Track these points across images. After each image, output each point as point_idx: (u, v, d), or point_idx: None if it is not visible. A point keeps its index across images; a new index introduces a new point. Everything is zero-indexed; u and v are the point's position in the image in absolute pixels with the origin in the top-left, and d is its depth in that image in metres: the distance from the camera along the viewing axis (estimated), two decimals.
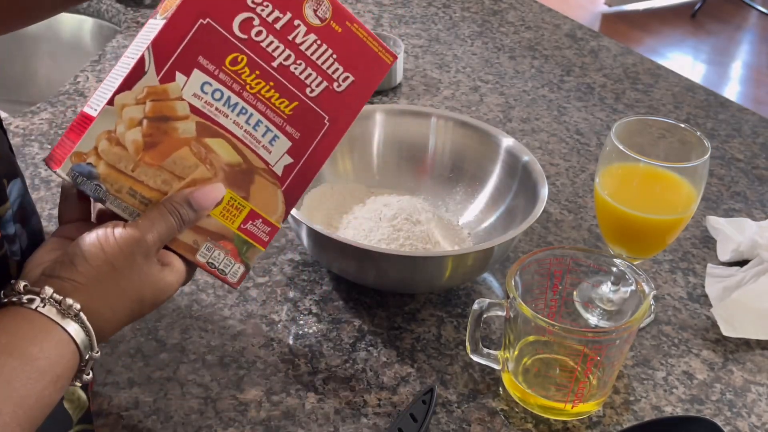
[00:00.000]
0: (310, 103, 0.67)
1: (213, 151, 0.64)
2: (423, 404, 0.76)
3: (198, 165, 0.64)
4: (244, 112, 0.65)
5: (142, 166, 0.62)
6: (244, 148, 0.65)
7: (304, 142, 0.68)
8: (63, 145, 0.63)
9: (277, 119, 0.66)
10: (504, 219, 0.95)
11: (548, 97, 1.26)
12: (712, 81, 3.33)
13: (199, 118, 0.63)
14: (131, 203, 0.63)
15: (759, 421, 0.79)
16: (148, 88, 0.61)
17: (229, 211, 0.66)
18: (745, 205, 1.07)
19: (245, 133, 0.65)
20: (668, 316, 0.90)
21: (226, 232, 0.67)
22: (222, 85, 0.63)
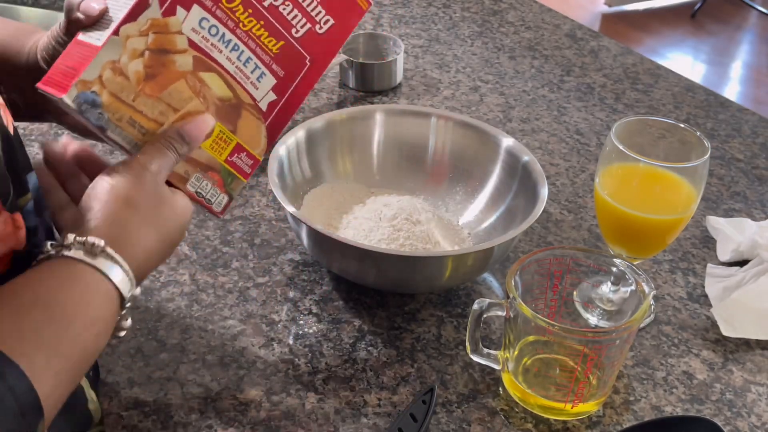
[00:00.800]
0: (295, 43, 0.70)
1: (206, 85, 0.67)
2: (423, 404, 0.76)
3: (192, 98, 0.67)
4: (237, 48, 0.68)
5: (142, 97, 0.65)
6: (234, 84, 0.68)
7: (287, 80, 0.71)
8: (63, 73, 0.64)
9: (265, 57, 0.69)
10: (504, 219, 0.95)
11: (548, 97, 1.26)
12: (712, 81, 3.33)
13: (196, 53, 0.66)
14: (131, 132, 0.65)
15: (759, 421, 0.79)
16: (152, 20, 0.64)
17: (218, 144, 0.69)
18: (745, 205, 1.07)
19: (236, 69, 0.68)
20: (668, 316, 0.90)
21: (214, 164, 0.70)
22: (218, 21, 0.66)
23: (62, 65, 0.65)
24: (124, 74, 0.64)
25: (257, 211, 1.00)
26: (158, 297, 0.87)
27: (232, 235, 0.96)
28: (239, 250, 0.94)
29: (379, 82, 1.24)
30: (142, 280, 0.63)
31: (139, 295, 0.60)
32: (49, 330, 0.54)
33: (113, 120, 0.64)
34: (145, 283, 0.89)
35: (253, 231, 0.97)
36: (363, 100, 1.22)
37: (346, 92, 1.24)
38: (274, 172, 0.89)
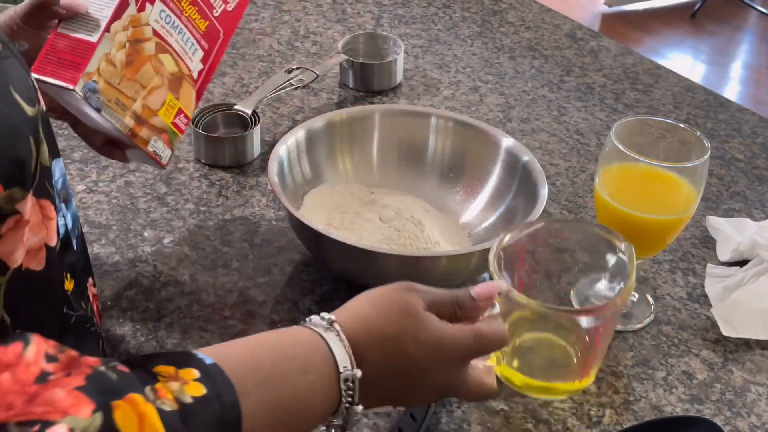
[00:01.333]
0: (215, 21, 0.87)
1: (162, 63, 0.83)
2: None
3: (154, 76, 0.83)
4: (181, 31, 0.84)
5: (124, 80, 0.80)
6: (179, 60, 0.85)
7: (209, 52, 0.88)
8: (62, 65, 0.78)
9: (197, 35, 0.86)
10: (504, 219, 0.95)
11: (548, 97, 1.26)
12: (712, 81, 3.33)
13: (157, 39, 0.82)
14: (116, 110, 0.80)
15: (759, 421, 0.79)
16: (131, 16, 0.79)
17: (168, 110, 0.85)
18: (745, 205, 1.07)
19: (180, 47, 0.85)
20: (668, 316, 0.90)
21: (164, 126, 0.85)
22: (170, 11, 0.83)
23: (55, 57, 0.78)
24: (113, 63, 0.79)
25: (257, 211, 1.00)
26: (158, 297, 0.87)
27: (232, 235, 0.96)
28: (239, 250, 0.94)
29: (379, 82, 1.24)
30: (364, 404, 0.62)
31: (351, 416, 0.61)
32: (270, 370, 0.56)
33: (106, 101, 0.79)
34: (145, 284, 0.89)
35: (253, 231, 0.97)
36: (363, 100, 1.22)
37: (346, 92, 1.24)
38: (274, 172, 0.89)
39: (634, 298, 0.90)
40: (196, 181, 1.04)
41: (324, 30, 1.39)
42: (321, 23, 1.41)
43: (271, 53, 1.32)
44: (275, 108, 1.19)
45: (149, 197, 1.01)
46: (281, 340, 0.59)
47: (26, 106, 0.52)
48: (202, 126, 1.08)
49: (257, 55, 1.31)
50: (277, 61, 1.30)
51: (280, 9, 1.45)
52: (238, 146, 1.07)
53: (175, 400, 0.49)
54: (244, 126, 1.09)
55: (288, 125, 1.15)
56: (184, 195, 1.02)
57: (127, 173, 1.04)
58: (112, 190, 1.01)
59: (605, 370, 0.83)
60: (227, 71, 1.26)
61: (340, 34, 1.37)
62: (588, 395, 0.80)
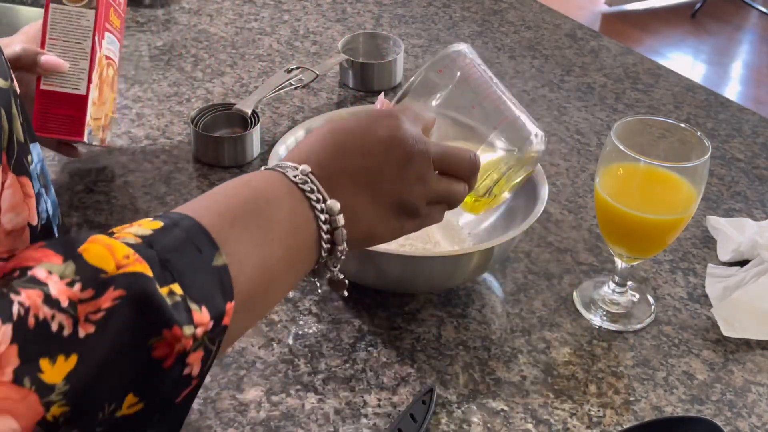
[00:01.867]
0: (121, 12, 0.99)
1: (111, 76, 0.97)
2: (423, 404, 0.76)
3: (110, 92, 0.98)
4: (113, 42, 0.96)
5: (97, 106, 0.94)
6: (113, 63, 0.97)
7: (120, 38, 0.99)
8: (62, 122, 0.91)
9: (119, 35, 0.98)
10: (504, 219, 0.95)
11: (548, 97, 1.26)
12: (713, 81, 3.33)
13: (109, 62, 0.96)
14: (96, 134, 0.95)
15: (759, 422, 0.79)
16: (100, 59, 0.92)
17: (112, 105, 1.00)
18: (746, 205, 1.07)
19: (114, 53, 0.97)
20: (668, 317, 0.90)
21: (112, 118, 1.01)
22: (110, 32, 0.95)
23: (52, 113, 0.90)
24: (94, 102, 0.92)
25: None
26: None
27: None
28: None
29: (379, 81, 1.23)
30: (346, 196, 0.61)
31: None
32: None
33: (93, 132, 0.95)
34: None
35: None
36: (363, 100, 1.22)
37: (346, 92, 1.24)
38: None
39: (635, 298, 0.90)
40: (196, 181, 1.04)
41: (324, 29, 1.39)
42: (321, 23, 1.41)
43: (270, 53, 1.32)
44: (275, 108, 1.19)
45: (149, 197, 1.01)
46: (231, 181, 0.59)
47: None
48: (201, 126, 1.08)
49: (257, 55, 1.31)
50: (276, 61, 1.30)
51: (280, 8, 1.45)
52: (237, 146, 1.06)
53: (135, 235, 0.50)
54: (243, 126, 1.09)
55: (288, 125, 1.15)
56: (184, 195, 1.01)
57: (127, 173, 1.04)
58: (111, 190, 1.01)
59: (605, 370, 0.83)
60: (227, 71, 1.26)
61: (339, 34, 1.37)
62: (588, 395, 0.80)
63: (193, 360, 0.49)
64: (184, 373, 0.49)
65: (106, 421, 0.46)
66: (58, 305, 0.45)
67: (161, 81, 1.22)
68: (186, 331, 0.48)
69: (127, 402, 0.47)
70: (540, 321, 0.88)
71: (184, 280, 0.49)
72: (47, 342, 0.44)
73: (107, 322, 0.46)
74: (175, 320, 0.48)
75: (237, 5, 1.45)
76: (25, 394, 0.43)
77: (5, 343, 0.43)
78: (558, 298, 0.90)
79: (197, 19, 1.40)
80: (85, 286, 0.46)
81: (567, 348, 0.85)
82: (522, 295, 0.91)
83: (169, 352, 0.48)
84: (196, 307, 0.49)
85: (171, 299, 0.48)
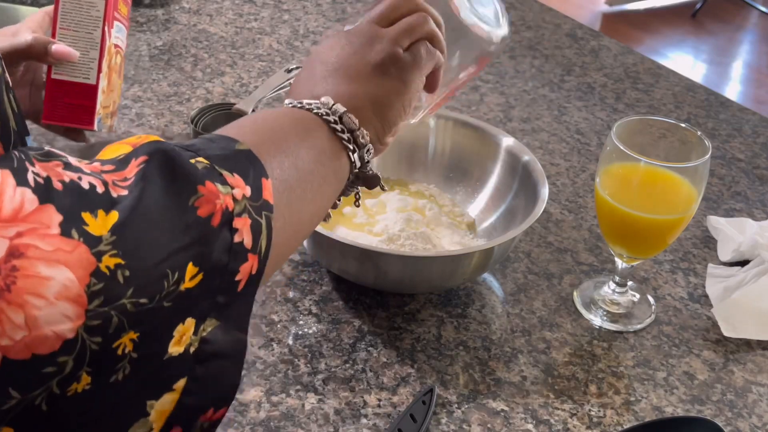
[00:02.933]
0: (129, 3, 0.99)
1: (118, 64, 0.98)
2: (423, 404, 0.76)
3: (118, 79, 0.98)
4: (121, 30, 0.97)
5: (106, 94, 0.95)
6: (121, 50, 0.98)
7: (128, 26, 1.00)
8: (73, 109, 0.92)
9: (126, 22, 0.98)
10: (504, 219, 0.94)
11: (548, 96, 1.26)
12: (713, 81, 3.33)
13: (117, 50, 0.97)
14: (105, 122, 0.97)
15: (760, 422, 0.79)
16: (109, 48, 0.93)
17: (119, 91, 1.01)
18: (746, 204, 1.07)
19: (122, 41, 0.98)
20: (669, 317, 0.90)
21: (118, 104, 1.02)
22: (119, 21, 0.95)
23: (63, 101, 0.92)
24: (103, 91, 0.94)
25: None
26: None
27: None
28: None
29: None
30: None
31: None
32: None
33: (102, 120, 0.95)
34: None
35: None
36: None
37: None
38: None
39: (635, 298, 0.90)
40: None
41: (324, 29, 1.39)
42: (321, 22, 1.41)
43: (270, 53, 1.32)
44: (275, 108, 1.18)
45: None
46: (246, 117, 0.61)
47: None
48: (201, 126, 1.08)
49: (257, 55, 1.31)
50: (276, 61, 1.29)
51: (280, 8, 1.45)
52: None
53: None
54: None
55: None
56: None
57: None
58: None
59: (606, 370, 0.83)
60: (227, 71, 1.26)
61: None
62: (588, 396, 0.80)
63: (241, 225, 0.48)
64: (235, 239, 0.48)
65: (172, 294, 0.45)
66: (81, 170, 0.44)
67: (161, 81, 1.22)
68: (222, 188, 0.47)
69: (189, 272, 0.45)
70: (540, 321, 0.88)
71: (209, 154, 0.49)
72: (82, 198, 0.43)
73: (138, 185, 0.45)
74: (207, 177, 0.47)
75: (237, 5, 1.45)
76: (75, 245, 0.41)
77: (33, 203, 0.41)
78: (558, 298, 0.90)
79: (197, 18, 1.40)
80: (105, 164, 0.46)
81: (567, 348, 0.85)
82: (522, 295, 0.91)
83: (213, 209, 0.47)
84: (227, 173, 0.49)
85: (199, 164, 0.48)
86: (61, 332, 0.41)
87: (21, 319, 0.40)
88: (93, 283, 0.42)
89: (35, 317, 0.40)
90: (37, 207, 0.41)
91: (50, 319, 0.40)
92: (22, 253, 0.40)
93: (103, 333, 0.42)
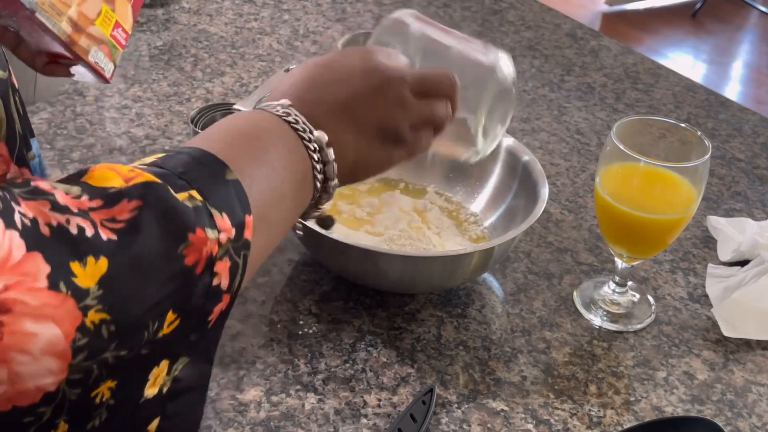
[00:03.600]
0: None
1: None
2: (423, 404, 0.76)
3: None
4: None
5: None
6: None
7: None
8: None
9: None
10: (504, 219, 0.94)
11: (548, 96, 1.26)
12: (713, 81, 3.33)
13: None
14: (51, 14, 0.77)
15: (760, 422, 0.79)
16: None
17: (105, 21, 0.83)
18: (746, 204, 1.07)
19: None
20: (669, 317, 0.90)
21: (103, 38, 0.83)
22: None
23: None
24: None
25: None
26: None
27: None
28: None
29: None
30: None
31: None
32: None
33: (39, 3, 0.76)
34: None
35: None
36: None
37: None
38: None
39: (635, 298, 0.90)
40: None
41: (324, 29, 1.39)
42: (321, 22, 1.41)
43: (270, 52, 1.32)
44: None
45: None
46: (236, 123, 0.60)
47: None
48: (201, 125, 1.08)
49: (257, 55, 1.31)
50: (276, 61, 1.29)
51: (280, 8, 1.45)
52: None
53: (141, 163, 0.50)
54: None
55: None
56: None
57: None
58: None
59: (606, 370, 0.83)
60: (226, 71, 1.26)
61: (339, 34, 1.37)
62: (588, 396, 0.80)
63: (221, 269, 0.48)
64: (213, 283, 0.48)
65: (151, 342, 0.45)
66: (69, 210, 0.43)
67: (161, 81, 1.22)
68: (210, 234, 0.47)
69: (168, 319, 0.46)
70: (540, 321, 0.88)
71: (202, 188, 0.49)
72: (71, 244, 0.42)
73: (129, 233, 0.44)
74: (198, 223, 0.47)
75: (237, 5, 1.45)
76: (63, 299, 0.41)
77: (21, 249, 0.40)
78: (558, 298, 0.90)
79: (197, 18, 1.40)
80: (93, 198, 0.45)
81: (567, 348, 0.85)
82: (522, 295, 0.91)
83: (199, 258, 0.46)
84: (217, 213, 0.48)
85: (192, 203, 0.47)
86: (43, 386, 0.41)
87: (4, 375, 0.40)
88: (78, 338, 0.41)
89: (19, 373, 0.40)
90: (25, 255, 0.41)
91: (34, 375, 0.40)
92: (9, 308, 0.40)
93: (83, 384, 0.42)
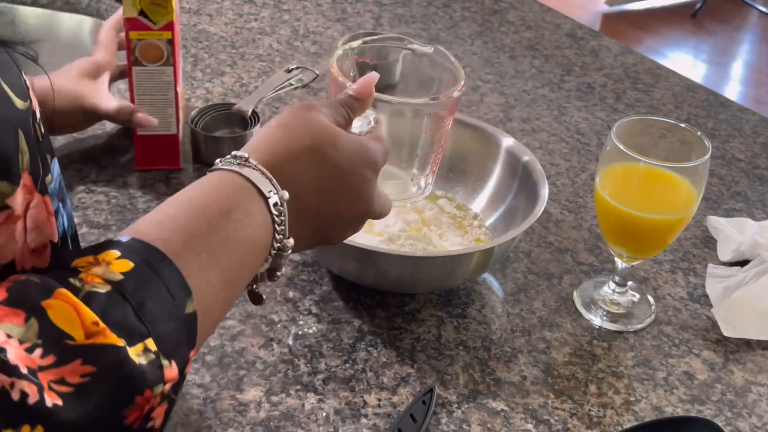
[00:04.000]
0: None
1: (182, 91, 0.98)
2: (423, 404, 0.76)
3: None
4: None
5: None
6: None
7: None
8: (165, 157, 1.03)
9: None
10: (504, 219, 0.94)
11: (548, 96, 1.26)
12: (713, 81, 3.33)
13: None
14: None
15: (760, 422, 0.79)
16: (180, 94, 0.99)
17: None
18: (746, 204, 1.07)
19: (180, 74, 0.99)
20: (669, 317, 0.90)
21: None
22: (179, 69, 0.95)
23: (151, 151, 1.03)
24: None
25: None
26: None
27: None
28: None
29: (379, 81, 1.23)
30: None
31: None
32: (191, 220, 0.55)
33: None
34: None
35: None
36: None
37: None
38: None
39: (635, 298, 0.90)
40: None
41: (324, 29, 1.39)
42: (321, 22, 1.41)
43: (270, 52, 1.32)
44: (275, 107, 1.18)
45: (148, 197, 1.00)
46: (194, 193, 0.57)
47: (17, 100, 0.51)
48: (201, 126, 1.08)
49: (257, 55, 1.31)
50: (276, 61, 1.29)
51: (280, 8, 1.45)
52: (237, 146, 1.05)
53: (105, 281, 0.48)
54: (243, 125, 1.09)
55: None
56: None
57: (127, 173, 1.04)
58: (111, 190, 1.01)
59: (606, 370, 0.83)
60: (226, 71, 1.26)
61: (339, 34, 1.37)
62: (588, 396, 0.80)
63: (157, 414, 0.49)
64: (147, 426, 0.48)
65: None
66: (16, 372, 0.43)
67: None
68: (156, 390, 0.47)
69: None
70: (540, 321, 0.88)
71: (158, 333, 0.48)
72: (9, 412, 0.42)
73: (77, 397, 0.44)
74: (147, 384, 0.47)
75: (237, 5, 1.45)
76: None
77: None
78: (558, 298, 0.90)
79: (197, 18, 1.40)
80: (47, 352, 0.44)
81: (567, 348, 0.85)
82: (522, 295, 0.91)
83: (140, 414, 0.47)
84: (167, 363, 0.48)
85: (146, 357, 0.47)
86: None
87: None
88: None
89: None
90: None
91: None
92: None
93: None
